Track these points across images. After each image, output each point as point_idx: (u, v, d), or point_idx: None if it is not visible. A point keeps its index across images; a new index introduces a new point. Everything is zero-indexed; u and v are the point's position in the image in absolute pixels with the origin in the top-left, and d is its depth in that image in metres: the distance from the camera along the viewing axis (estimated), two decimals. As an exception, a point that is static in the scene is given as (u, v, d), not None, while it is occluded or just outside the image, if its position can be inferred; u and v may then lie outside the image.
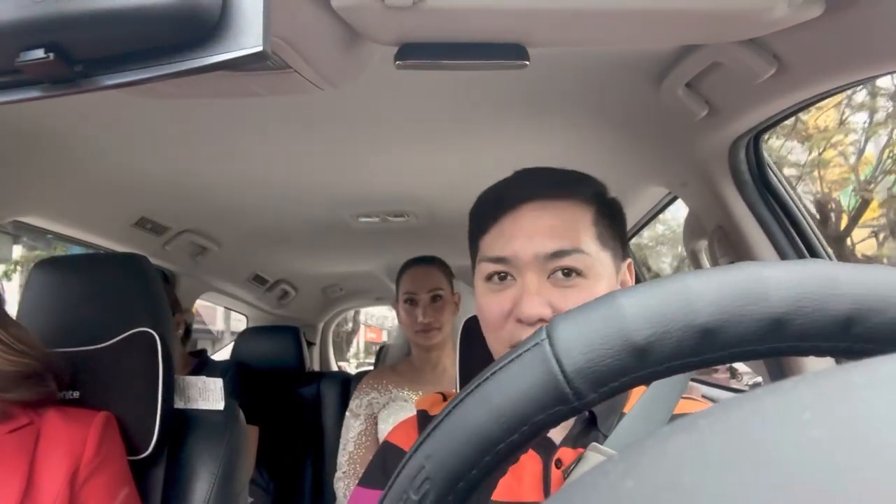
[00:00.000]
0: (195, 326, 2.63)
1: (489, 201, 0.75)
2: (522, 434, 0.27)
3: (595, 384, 0.27)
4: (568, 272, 0.67)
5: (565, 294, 0.67)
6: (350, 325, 13.71)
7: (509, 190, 0.74)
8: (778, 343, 0.26)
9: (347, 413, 1.78)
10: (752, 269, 0.27)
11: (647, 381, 0.27)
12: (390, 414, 1.69)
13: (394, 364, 1.90)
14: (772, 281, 0.27)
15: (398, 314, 1.81)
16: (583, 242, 0.68)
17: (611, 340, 0.27)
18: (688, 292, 0.27)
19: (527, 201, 0.71)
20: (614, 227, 0.73)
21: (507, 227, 0.71)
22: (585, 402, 0.27)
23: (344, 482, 1.68)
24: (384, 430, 1.70)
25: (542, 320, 0.65)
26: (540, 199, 0.71)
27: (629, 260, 0.76)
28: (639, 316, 0.27)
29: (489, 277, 0.71)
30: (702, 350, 0.27)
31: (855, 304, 0.26)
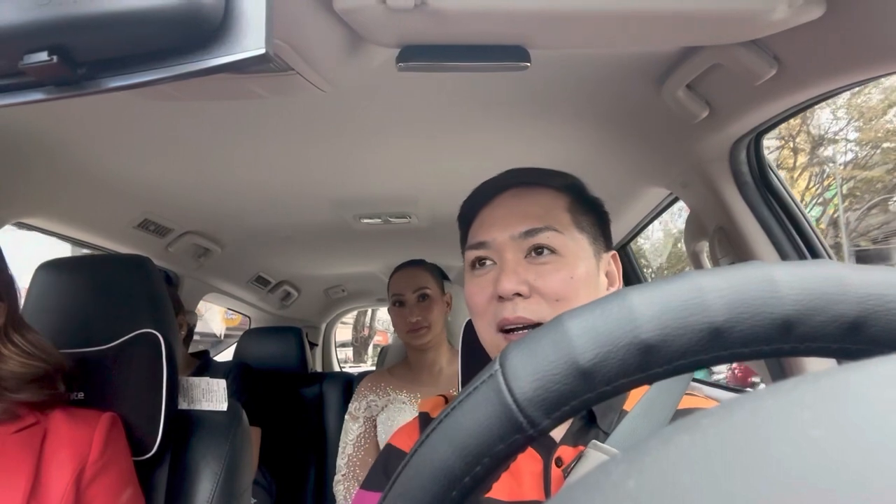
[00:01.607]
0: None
1: (470, 200, 0.80)
2: (485, 466, 0.28)
3: (547, 410, 0.27)
4: (542, 250, 0.71)
5: (541, 271, 0.69)
6: (367, 331, 14.10)
7: (486, 185, 0.79)
8: (721, 351, 0.27)
9: (346, 416, 1.79)
10: (691, 280, 0.27)
11: (597, 401, 0.28)
12: (388, 417, 1.70)
13: (391, 367, 1.91)
14: (709, 290, 0.27)
15: (391, 319, 1.83)
16: (555, 221, 0.72)
17: (557, 365, 0.27)
18: (630, 309, 0.27)
19: (502, 191, 0.77)
20: (591, 216, 0.76)
21: (486, 216, 0.76)
22: (541, 429, 0.27)
23: (343, 485, 1.68)
24: (383, 432, 1.70)
25: (518, 295, 0.68)
26: (514, 188, 0.76)
27: (613, 252, 0.78)
28: (584, 337, 0.27)
29: (472, 265, 0.75)
30: (647, 365, 0.27)
31: (795, 306, 0.26)
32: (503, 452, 0.28)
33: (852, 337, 0.26)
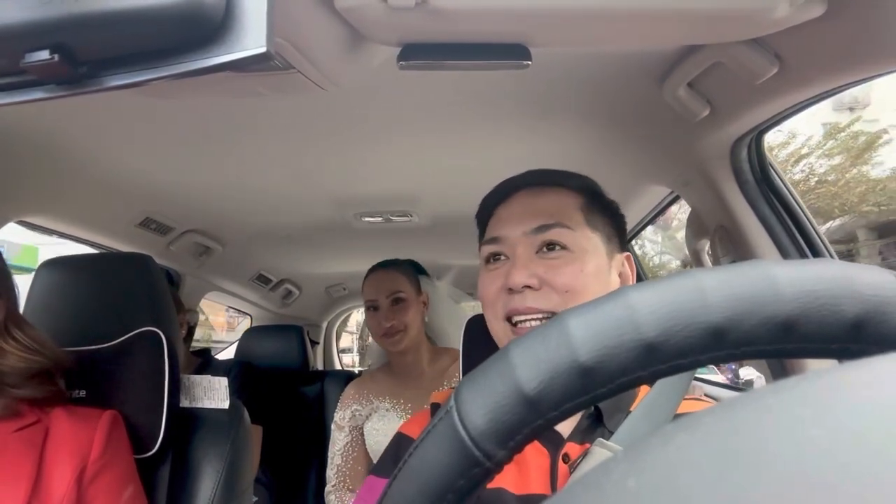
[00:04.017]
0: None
1: (488, 198, 0.83)
2: (449, 502, 0.28)
3: (500, 442, 0.27)
4: (552, 245, 0.73)
5: (551, 265, 0.72)
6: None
7: (504, 184, 0.82)
8: (658, 365, 0.27)
9: (333, 426, 1.77)
10: (624, 298, 0.28)
11: (545, 429, 0.28)
12: (373, 427, 1.68)
13: (374, 371, 1.88)
14: (640, 307, 0.27)
15: (367, 322, 1.80)
16: (566, 219, 0.74)
17: (504, 397, 0.27)
18: (567, 333, 0.27)
19: (518, 190, 0.80)
20: (606, 217, 0.79)
21: (501, 213, 0.79)
22: (498, 461, 0.28)
23: (335, 495, 1.67)
24: (371, 439, 1.69)
25: (528, 288, 0.71)
26: (529, 188, 0.79)
27: (627, 253, 0.79)
28: (527, 366, 0.27)
29: (487, 260, 0.78)
30: (589, 387, 0.27)
31: (724, 313, 0.26)
32: (465, 487, 0.28)
33: (786, 337, 0.26)
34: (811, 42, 0.80)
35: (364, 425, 1.72)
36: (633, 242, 2.21)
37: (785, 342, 0.26)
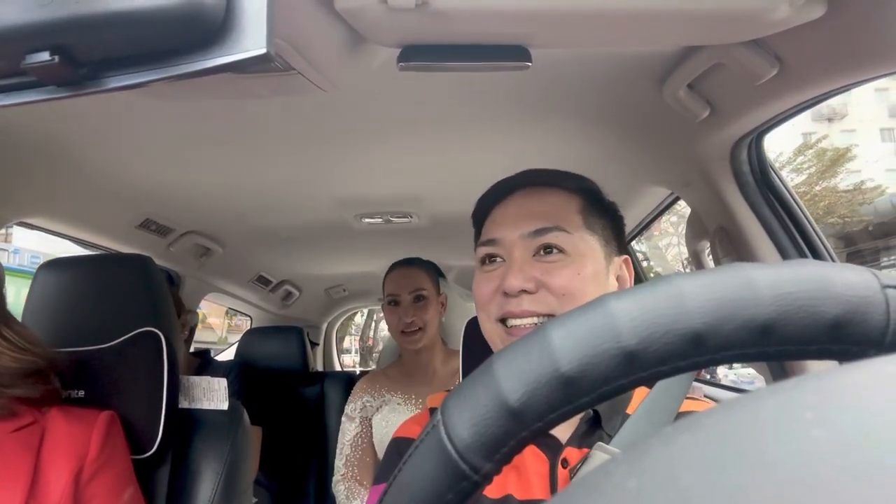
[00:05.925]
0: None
1: (484, 198, 0.82)
2: None
3: (486, 455, 0.27)
4: (550, 249, 0.72)
5: (548, 268, 0.71)
6: (371, 341, 14.88)
7: (500, 184, 0.81)
8: (639, 373, 0.27)
9: (343, 417, 1.80)
10: (604, 306, 0.28)
11: (530, 440, 0.28)
12: (384, 418, 1.70)
13: (386, 367, 1.90)
14: (620, 315, 0.27)
15: (385, 317, 1.82)
16: (564, 222, 0.73)
17: (489, 409, 0.27)
18: (549, 344, 0.27)
19: (515, 191, 0.78)
20: (605, 220, 0.77)
21: (497, 214, 0.78)
22: (485, 474, 0.28)
23: (343, 485, 1.68)
24: (378, 433, 1.70)
25: (525, 292, 0.70)
26: (527, 188, 0.78)
27: (626, 256, 0.78)
28: (510, 378, 0.27)
29: (482, 262, 0.77)
30: (572, 397, 0.27)
31: (703, 318, 0.26)
32: (453, 501, 0.28)
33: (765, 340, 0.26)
34: (811, 43, 0.80)
35: (373, 417, 1.73)
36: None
37: (765, 345, 0.26)
